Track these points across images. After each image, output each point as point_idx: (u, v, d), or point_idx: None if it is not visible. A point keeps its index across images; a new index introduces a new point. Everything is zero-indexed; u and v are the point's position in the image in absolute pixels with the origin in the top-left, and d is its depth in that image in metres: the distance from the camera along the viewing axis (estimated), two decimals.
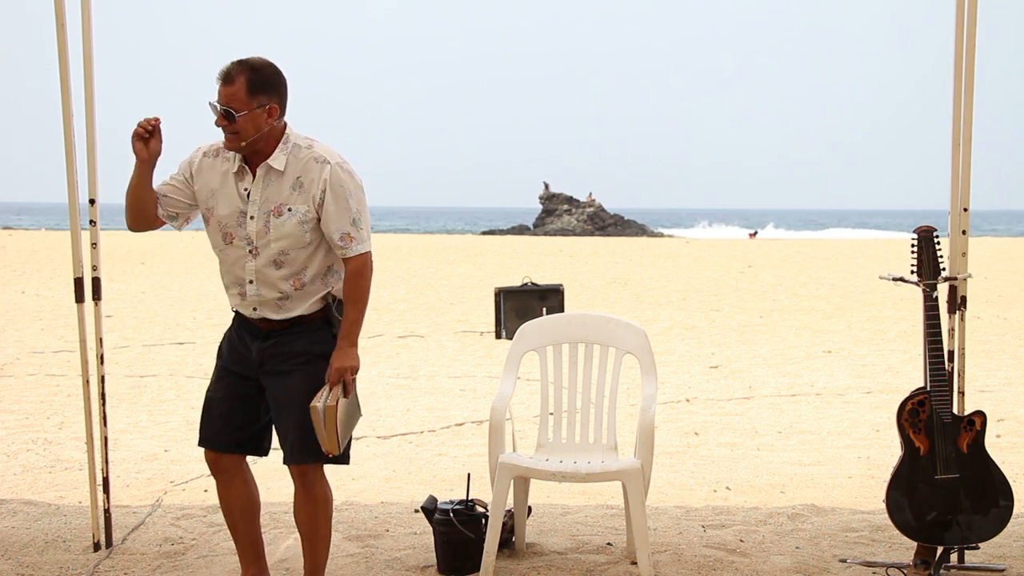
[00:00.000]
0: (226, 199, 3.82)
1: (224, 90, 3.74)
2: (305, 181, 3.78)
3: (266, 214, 3.79)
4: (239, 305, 3.94)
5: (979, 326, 13.41)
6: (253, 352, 3.92)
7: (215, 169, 3.86)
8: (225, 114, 3.72)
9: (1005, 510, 4.33)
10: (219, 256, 3.92)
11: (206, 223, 3.91)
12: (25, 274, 20.64)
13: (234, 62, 3.76)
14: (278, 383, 3.89)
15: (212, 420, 4.01)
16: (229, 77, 3.74)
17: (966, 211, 4.50)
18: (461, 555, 4.45)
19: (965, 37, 4.41)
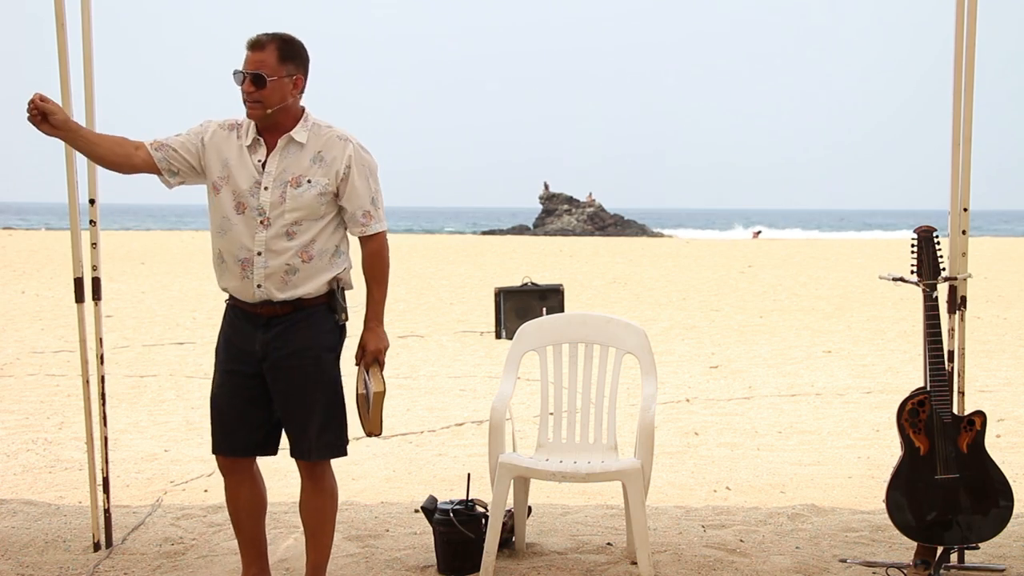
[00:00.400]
0: (242, 170, 3.83)
1: (253, 56, 3.77)
2: (327, 156, 3.83)
3: (283, 184, 3.80)
4: (239, 287, 3.86)
5: (979, 326, 13.42)
6: (256, 344, 3.86)
7: (230, 142, 3.86)
8: (255, 79, 3.74)
9: (1005, 510, 4.33)
10: (223, 229, 3.85)
11: (215, 193, 3.85)
12: (25, 274, 20.64)
13: (265, 32, 3.81)
14: (286, 378, 3.86)
15: (224, 425, 3.95)
16: (260, 44, 3.78)
17: (966, 211, 4.50)
18: (461, 555, 4.45)
19: (965, 37, 4.41)
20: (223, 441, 3.98)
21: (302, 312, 3.86)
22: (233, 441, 3.96)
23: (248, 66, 3.77)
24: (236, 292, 3.90)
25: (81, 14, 4.52)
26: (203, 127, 3.90)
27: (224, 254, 3.88)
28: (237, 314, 3.93)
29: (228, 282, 3.91)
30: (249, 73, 3.75)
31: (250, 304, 3.87)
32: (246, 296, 3.87)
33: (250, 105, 3.78)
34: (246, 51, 3.79)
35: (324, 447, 3.90)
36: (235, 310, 3.94)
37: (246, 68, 3.77)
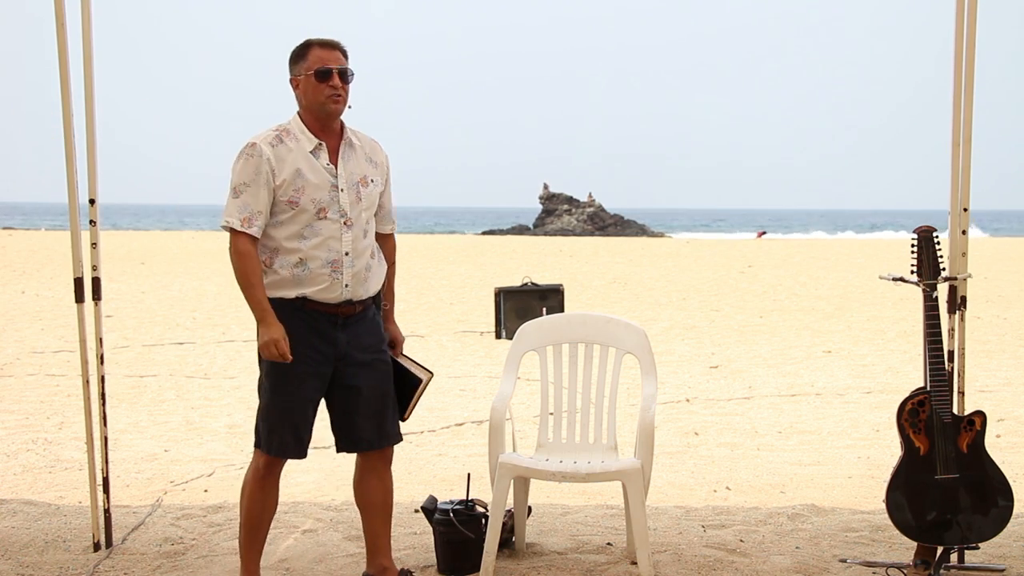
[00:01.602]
0: (314, 176, 3.91)
1: (337, 54, 3.96)
2: (375, 159, 4.09)
3: (355, 185, 3.97)
4: (325, 291, 3.92)
5: (979, 326, 13.42)
6: (338, 344, 3.96)
7: (291, 152, 3.92)
8: (346, 75, 3.95)
9: (1005, 510, 4.33)
10: (305, 236, 3.89)
11: (292, 206, 3.89)
12: (25, 274, 20.64)
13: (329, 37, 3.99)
14: (363, 374, 4.01)
15: (298, 428, 3.99)
16: (339, 45, 3.99)
17: (966, 211, 4.50)
18: (461, 555, 4.44)
19: (965, 37, 4.41)
20: (295, 444, 4.00)
21: (368, 310, 4.05)
22: (303, 443, 4.03)
23: (337, 63, 3.93)
24: (319, 295, 3.93)
25: (81, 14, 4.51)
26: (263, 159, 3.88)
27: (308, 260, 3.91)
28: (313, 316, 3.95)
29: (310, 286, 3.93)
30: (345, 69, 3.94)
31: (331, 305, 3.95)
32: (330, 297, 3.94)
33: (335, 100, 3.93)
34: (322, 50, 3.94)
35: (397, 433, 4.16)
36: (308, 313, 3.94)
37: (335, 65, 3.92)
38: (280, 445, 3.99)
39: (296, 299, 3.93)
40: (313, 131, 3.96)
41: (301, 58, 3.97)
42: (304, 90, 3.95)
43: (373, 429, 4.08)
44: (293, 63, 4.00)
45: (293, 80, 4.00)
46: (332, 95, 3.91)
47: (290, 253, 3.91)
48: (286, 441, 3.99)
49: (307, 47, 3.96)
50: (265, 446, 4.00)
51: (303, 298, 3.93)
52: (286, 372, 3.92)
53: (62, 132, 4.49)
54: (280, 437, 3.98)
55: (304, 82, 3.95)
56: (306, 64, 3.94)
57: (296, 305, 3.93)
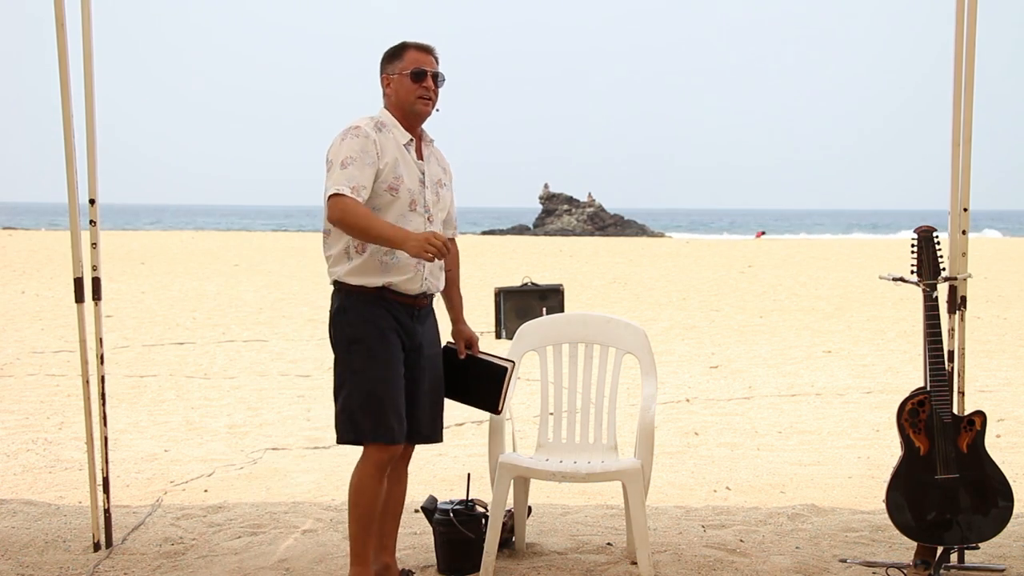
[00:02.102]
0: (408, 167, 4.03)
1: (431, 57, 4.06)
2: (443, 165, 4.23)
3: (434, 184, 4.11)
4: (409, 281, 3.99)
5: (979, 326, 13.42)
6: (417, 336, 4.06)
7: (390, 141, 4.00)
8: (441, 79, 4.06)
9: (1005, 510, 4.33)
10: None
11: (392, 193, 3.95)
12: (25, 274, 20.64)
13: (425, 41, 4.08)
14: (428, 368, 4.12)
15: (398, 413, 3.97)
16: (433, 51, 4.10)
17: (966, 211, 4.50)
18: (461, 555, 4.44)
19: (965, 37, 4.41)
20: (400, 429, 3.99)
21: (432, 305, 4.18)
22: (403, 427, 4.01)
23: (432, 67, 4.04)
24: (402, 285, 3.99)
25: (81, 14, 4.51)
26: (370, 140, 3.92)
27: (398, 250, 3.92)
28: (395, 307, 4.00)
29: (396, 276, 3.98)
30: (438, 73, 4.05)
31: (410, 296, 4.03)
32: (412, 289, 4.02)
33: (426, 102, 4.02)
34: (418, 52, 4.03)
35: (442, 431, 4.27)
36: (390, 303, 3.99)
37: (430, 68, 4.03)
38: (389, 431, 3.95)
39: (380, 288, 3.96)
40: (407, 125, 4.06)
41: (397, 58, 4.04)
42: (396, 89, 4.03)
43: (430, 423, 4.15)
44: (387, 62, 4.07)
45: (385, 78, 4.06)
46: (424, 96, 4.00)
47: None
48: (392, 426, 3.95)
49: (403, 48, 4.05)
50: (374, 436, 3.94)
51: (386, 287, 3.97)
52: (381, 358, 3.93)
53: (62, 132, 4.49)
54: (389, 425, 3.95)
55: (397, 81, 4.02)
56: (402, 64, 4.02)
57: (379, 294, 3.97)
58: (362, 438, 3.96)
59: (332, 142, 3.96)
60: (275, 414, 8.21)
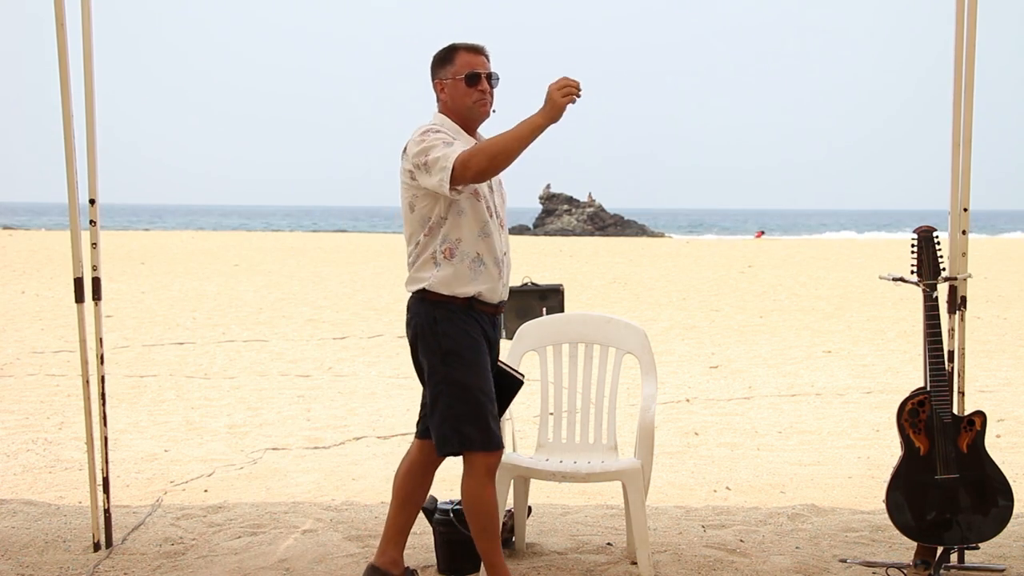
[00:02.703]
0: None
1: (484, 59, 3.97)
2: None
3: (500, 187, 4.09)
4: (493, 288, 3.96)
5: (979, 326, 13.42)
6: (494, 345, 4.05)
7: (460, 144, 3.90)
8: (495, 79, 3.97)
9: (1005, 510, 4.33)
10: (485, 233, 3.91)
11: (476, 198, 3.90)
12: (25, 274, 20.64)
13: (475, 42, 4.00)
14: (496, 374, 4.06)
15: (494, 420, 3.95)
16: (485, 51, 4.00)
17: (966, 211, 4.50)
18: (461, 555, 4.44)
19: (965, 37, 4.41)
20: (500, 434, 4.00)
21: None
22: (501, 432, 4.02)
23: (484, 68, 3.96)
24: (487, 293, 3.96)
25: (81, 14, 4.51)
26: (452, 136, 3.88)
27: (484, 256, 3.93)
28: (481, 317, 3.97)
29: (483, 284, 3.94)
30: (491, 73, 3.96)
31: (492, 305, 3.99)
32: (494, 296, 3.98)
33: (484, 105, 3.95)
34: (469, 54, 3.94)
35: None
36: (477, 313, 3.96)
37: (483, 69, 3.95)
38: (494, 438, 3.93)
39: (470, 299, 3.92)
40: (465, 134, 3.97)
41: (448, 62, 3.95)
42: (451, 94, 3.94)
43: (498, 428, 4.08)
44: (439, 66, 3.98)
45: (438, 83, 3.97)
46: (481, 99, 3.93)
47: (470, 246, 3.91)
48: (496, 433, 3.95)
49: (454, 51, 3.95)
50: (483, 444, 3.91)
51: (474, 298, 3.93)
52: (479, 365, 3.92)
53: (62, 132, 4.49)
54: (491, 431, 3.93)
55: (451, 86, 3.93)
56: (454, 68, 3.93)
57: (468, 305, 3.93)
58: (470, 448, 3.93)
59: (410, 145, 3.87)
60: (275, 414, 8.21)
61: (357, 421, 7.97)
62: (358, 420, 8.00)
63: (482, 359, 3.94)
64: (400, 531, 4.17)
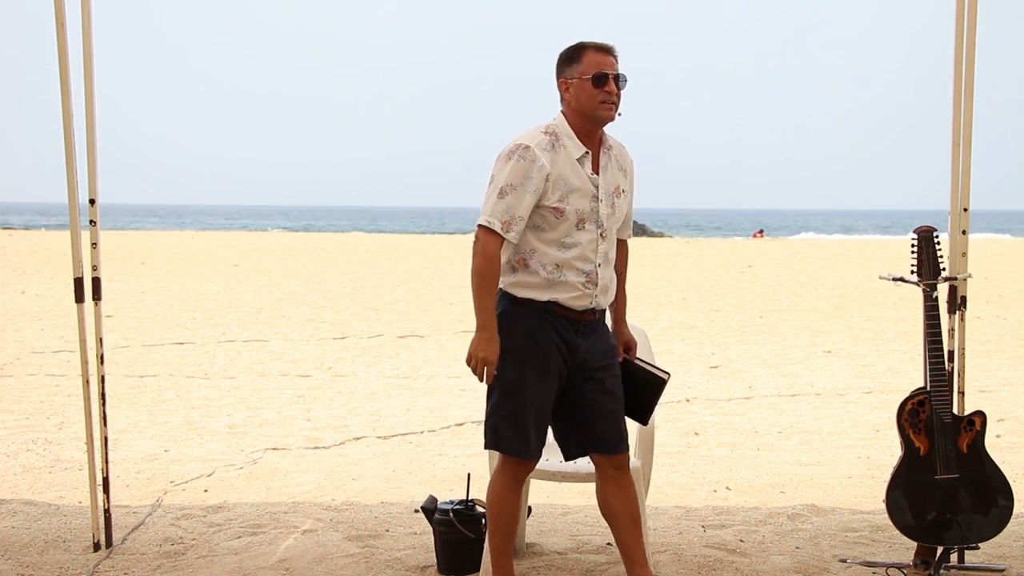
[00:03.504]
0: (580, 185, 3.83)
1: (613, 60, 3.85)
2: (625, 166, 4.00)
3: (610, 196, 3.90)
4: (576, 298, 3.85)
5: (979, 326, 13.41)
6: (581, 352, 3.89)
7: (559, 158, 3.82)
8: (623, 81, 3.85)
9: (1005, 510, 4.33)
10: (566, 246, 3.82)
11: (557, 214, 3.80)
12: (25, 274, 20.64)
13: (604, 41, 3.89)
14: (603, 379, 3.95)
15: (541, 428, 3.91)
16: (613, 51, 3.87)
17: (966, 211, 4.50)
18: (461, 555, 4.44)
19: (965, 37, 4.41)
20: (538, 444, 3.93)
21: (603, 317, 4.02)
22: (542, 443, 3.95)
23: (613, 68, 3.83)
24: (570, 301, 3.87)
25: (81, 14, 4.51)
26: (536, 164, 3.77)
27: (564, 267, 3.84)
28: (560, 321, 3.88)
29: (562, 293, 3.86)
30: (619, 75, 3.84)
31: (577, 312, 3.89)
32: (578, 305, 3.88)
33: (609, 107, 3.82)
34: (598, 54, 3.83)
35: (624, 439, 4.02)
36: (555, 316, 3.87)
37: (612, 70, 3.83)
38: (530, 448, 3.90)
39: (547, 303, 3.86)
40: (579, 136, 3.85)
41: (575, 60, 3.85)
42: (577, 94, 3.83)
43: (613, 432, 3.98)
44: (565, 65, 3.87)
45: (563, 82, 3.87)
46: (607, 101, 3.81)
47: (548, 257, 3.84)
48: (528, 441, 3.89)
49: (582, 49, 3.85)
50: (513, 449, 3.90)
51: (553, 303, 3.86)
52: (536, 373, 3.86)
53: (62, 132, 4.49)
54: (530, 440, 3.89)
55: (577, 86, 3.82)
56: (581, 67, 3.82)
57: (546, 308, 3.86)
58: (503, 449, 3.93)
59: (500, 153, 3.83)
60: (275, 414, 8.21)
61: (357, 421, 7.97)
62: (358, 420, 8.00)
63: (544, 366, 3.85)
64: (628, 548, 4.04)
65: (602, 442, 3.97)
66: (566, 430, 4.00)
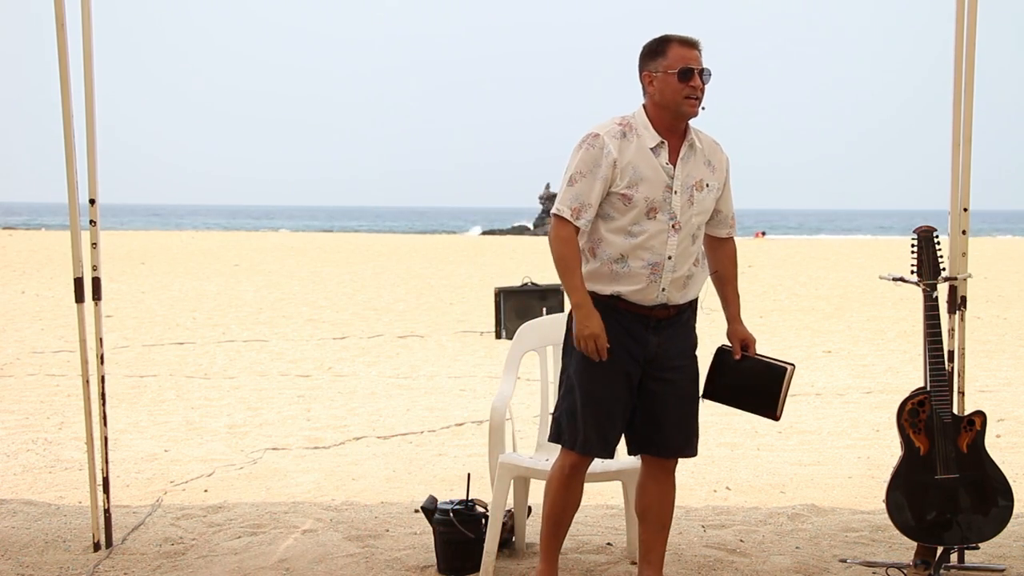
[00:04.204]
0: (651, 174, 3.82)
1: (698, 55, 3.83)
2: (714, 161, 3.95)
3: (689, 188, 3.86)
4: (641, 291, 3.84)
5: (979, 326, 13.42)
6: (651, 347, 3.89)
7: (631, 146, 3.82)
8: (707, 76, 3.83)
9: (1005, 510, 4.33)
10: (633, 234, 3.81)
11: (625, 201, 3.80)
12: (25, 274, 20.64)
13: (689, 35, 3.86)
14: (674, 379, 3.94)
15: (605, 425, 3.89)
16: (698, 45, 3.86)
17: (966, 211, 4.50)
18: (461, 555, 4.44)
19: (965, 37, 4.41)
20: (600, 442, 3.91)
21: (683, 314, 4.00)
22: (609, 441, 3.94)
23: (698, 64, 3.81)
24: (634, 295, 3.86)
25: (81, 14, 4.51)
26: (604, 151, 3.80)
27: (630, 258, 3.83)
28: (626, 316, 3.88)
29: (626, 285, 3.85)
30: (704, 70, 3.82)
31: (645, 307, 3.88)
32: (645, 300, 3.86)
33: (693, 102, 3.81)
34: (683, 48, 3.81)
35: (696, 444, 4.05)
36: (621, 312, 3.87)
37: (697, 65, 3.81)
38: (584, 443, 3.90)
39: (610, 296, 3.86)
40: (658, 128, 3.84)
41: (660, 54, 3.82)
42: (660, 88, 3.81)
43: (681, 435, 3.97)
44: (649, 58, 3.85)
45: (647, 75, 3.85)
46: (691, 96, 3.79)
47: (613, 247, 3.84)
48: (590, 439, 3.89)
49: (667, 43, 3.82)
50: (569, 443, 3.92)
51: (617, 296, 3.86)
52: (596, 368, 3.84)
53: (62, 132, 4.49)
54: (585, 435, 3.89)
55: (661, 80, 3.81)
56: (666, 61, 3.80)
57: (609, 303, 3.86)
58: (560, 442, 3.96)
59: (576, 144, 3.86)
60: (275, 414, 8.21)
61: (357, 421, 7.97)
62: (358, 420, 8.00)
63: (609, 361, 3.83)
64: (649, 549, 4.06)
65: (667, 446, 3.97)
66: (634, 426, 3.98)
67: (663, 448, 3.97)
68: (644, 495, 4.04)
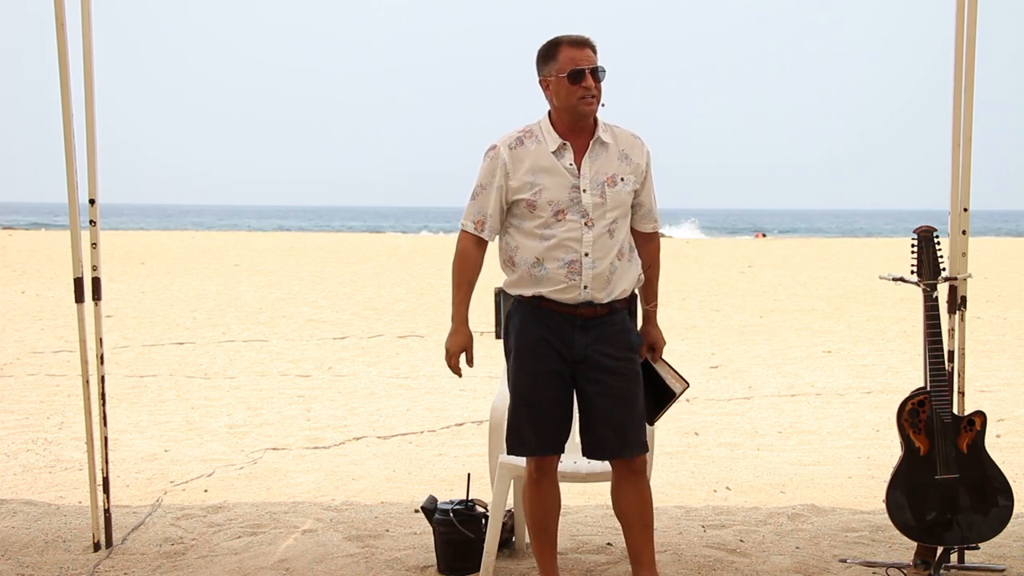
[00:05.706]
0: (557, 178, 3.85)
1: (588, 53, 3.85)
2: (632, 155, 3.95)
3: (600, 185, 3.87)
4: (563, 291, 3.86)
5: (979, 326, 13.41)
6: (578, 347, 3.88)
7: (530, 152, 3.87)
8: (599, 74, 3.84)
9: (1005, 510, 4.33)
10: (544, 238, 3.85)
11: (530, 208, 3.85)
12: (25, 274, 20.64)
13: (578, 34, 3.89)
14: (609, 378, 3.90)
15: (545, 426, 3.92)
16: (589, 43, 3.88)
17: (966, 211, 4.50)
18: (461, 555, 4.44)
19: (965, 37, 4.41)
20: (541, 442, 3.94)
21: (616, 313, 3.94)
22: (555, 440, 3.96)
23: (589, 62, 3.83)
24: (556, 295, 3.88)
25: (81, 14, 4.51)
26: (498, 161, 3.89)
27: (546, 261, 3.87)
28: (551, 316, 3.90)
29: (547, 287, 3.88)
30: (596, 68, 3.84)
31: (569, 306, 3.89)
32: (567, 298, 3.88)
33: (588, 101, 3.83)
34: (572, 48, 3.84)
35: (642, 443, 3.98)
36: (546, 312, 3.90)
37: (587, 65, 3.83)
38: (520, 444, 3.95)
39: (533, 298, 3.89)
40: (560, 131, 3.88)
41: (551, 58, 3.86)
42: (556, 91, 3.85)
43: (614, 437, 3.93)
44: (542, 63, 3.89)
45: (543, 81, 3.89)
46: (585, 96, 3.82)
47: (529, 252, 3.88)
48: (528, 438, 3.93)
49: (556, 46, 3.85)
50: (515, 448, 3.98)
51: (540, 297, 3.89)
52: (526, 370, 3.90)
53: (62, 132, 4.49)
54: (524, 436, 3.94)
55: (555, 83, 3.84)
56: (557, 65, 3.84)
57: (534, 304, 3.90)
58: (508, 446, 4.02)
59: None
60: (275, 414, 8.21)
61: (357, 421, 7.97)
62: (358, 420, 8.00)
63: (536, 362, 3.88)
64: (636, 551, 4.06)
65: (603, 449, 3.95)
66: (580, 429, 4.01)
67: (597, 450, 3.97)
68: (619, 498, 4.05)
